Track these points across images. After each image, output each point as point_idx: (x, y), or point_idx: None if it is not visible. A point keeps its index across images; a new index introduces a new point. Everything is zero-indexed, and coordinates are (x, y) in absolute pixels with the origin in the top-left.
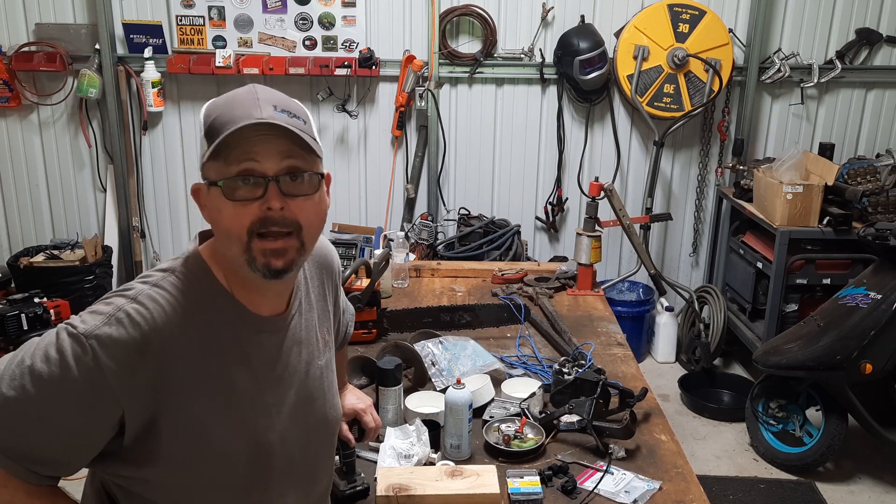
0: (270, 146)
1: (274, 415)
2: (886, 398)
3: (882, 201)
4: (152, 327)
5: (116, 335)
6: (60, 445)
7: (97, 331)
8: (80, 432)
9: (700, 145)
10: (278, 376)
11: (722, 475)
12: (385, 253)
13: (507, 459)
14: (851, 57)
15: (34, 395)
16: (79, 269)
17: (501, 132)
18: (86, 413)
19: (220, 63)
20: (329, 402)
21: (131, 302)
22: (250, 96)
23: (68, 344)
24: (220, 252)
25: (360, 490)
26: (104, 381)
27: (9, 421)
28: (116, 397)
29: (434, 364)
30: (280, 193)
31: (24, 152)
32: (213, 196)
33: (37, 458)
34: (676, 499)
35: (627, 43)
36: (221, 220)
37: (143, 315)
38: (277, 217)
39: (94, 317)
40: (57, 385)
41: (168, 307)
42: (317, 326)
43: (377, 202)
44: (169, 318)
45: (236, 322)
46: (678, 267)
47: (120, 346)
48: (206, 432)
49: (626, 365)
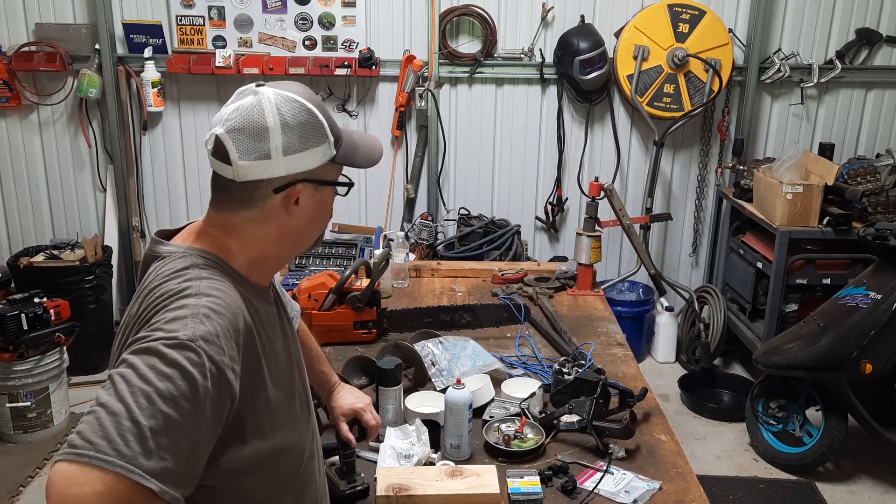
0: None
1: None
2: (886, 398)
3: (882, 201)
4: (232, 312)
5: (213, 329)
6: (201, 457)
7: (197, 332)
8: (213, 437)
9: (700, 145)
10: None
11: (722, 475)
12: (385, 253)
13: (507, 459)
14: (851, 57)
15: (173, 416)
16: (79, 269)
17: (501, 132)
18: (217, 414)
19: (220, 63)
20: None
21: (200, 297)
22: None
23: (179, 354)
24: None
25: (360, 490)
26: (225, 378)
27: (161, 452)
28: (232, 389)
29: (434, 364)
30: None
31: (24, 152)
32: (325, 194)
33: (187, 480)
34: (676, 499)
35: (627, 43)
36: (324, 216)
37: (220, 304)
38: None
39: (181, 323)
40: (190, 398)
41: (229, 291)
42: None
43: (377, 202)
44: (234, 298)
45: (259, 299)
46: (678, 267)
47: (221, 338)
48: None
49: (626, 365)
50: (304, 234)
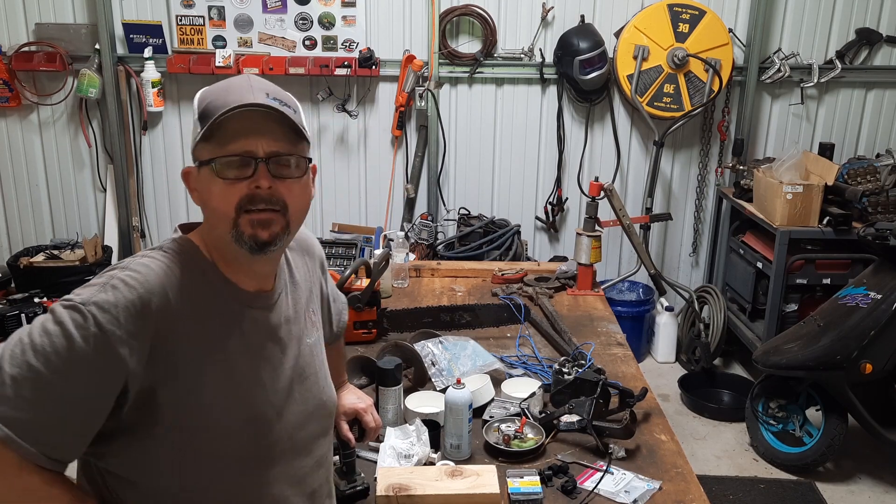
0: (262, 129)
1: (270, 390)
2: (886, 398)
3: (882, 201)
4: (147, 289)
5: (114, 299)
6: (70, 421)
7: (94, 298)
8: (87, 403)
9: (700, 145)
10: (270, 353)
11: (722, 475)
12: (385, 253)
13: (507, 459)
14: (851, 57)
15: (39, 369)
16: (79, 269)
17: (501, 132)
18: (94, 381)
19: (220, 63)
20: (322, 382)
21: (123, 270)
22: (244, 83)
23: (67, 315)
24: (210, 233)
25: (360, 490)
26: (108, 345)
27: (17, 401)
28: (121, 362)
29: (434, 364)
30: (269, 174)
31: (24, 152)
32: (203, 176)
33: (48, 438)
34: (676, 499)
35: (627, 43)
36: (212, 198)
37: (136, 279)
38: (265, 195)
39: (88, 288)
40: (62, 356)
41: (160, 272)
42: (304, 305)
43: (377, 202)
44: (161, 281)
45: (227, 296)
46: (678, 267)
47: (120, 309)
48: (204, 403)
49: (626, 365)
50: (212, 215)
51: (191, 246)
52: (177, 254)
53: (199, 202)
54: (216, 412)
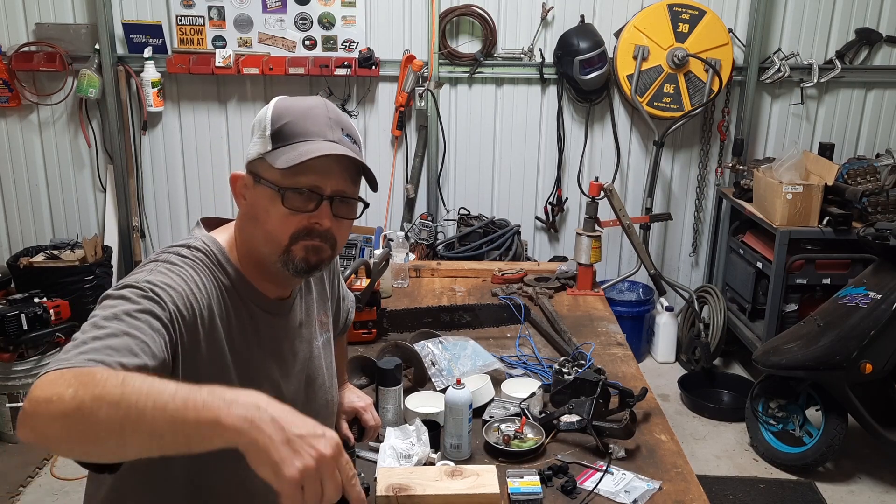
0: (333, 168)
1: (283, 391)
2: (886, 398)
3: (882, 201)
4: (188, 275)
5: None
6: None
7: (145, 277)
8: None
9: (700, 145)
10: (284, 355)
11: (722, 475)
12: (385, 253)
13: (507, 459)
14: (851, 57)
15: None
16: (79, 269)
17: (501, 132)
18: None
19: (220, 63)
20: (329, 383)
21: (162, 263)
22: (323, 113)
23: (124, 290)
24: (249, 243)
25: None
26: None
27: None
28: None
29: (434, 364)
30: (331, 213)
31: (24, 152)
32: (261, 193)
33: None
34: (676, 499)
35: (627, 43)
36: (268, 220)
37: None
38: (322, 231)
39: (132, 276)
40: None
41: (188, 267)
42: (315, 308)
43: (377, 202)
44: (190, 275)
45: (249, 301)
46: (678, 267)
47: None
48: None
49: (626, 365)
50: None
51: (218, 248)
52: (205, 255)
53: (249, 213)
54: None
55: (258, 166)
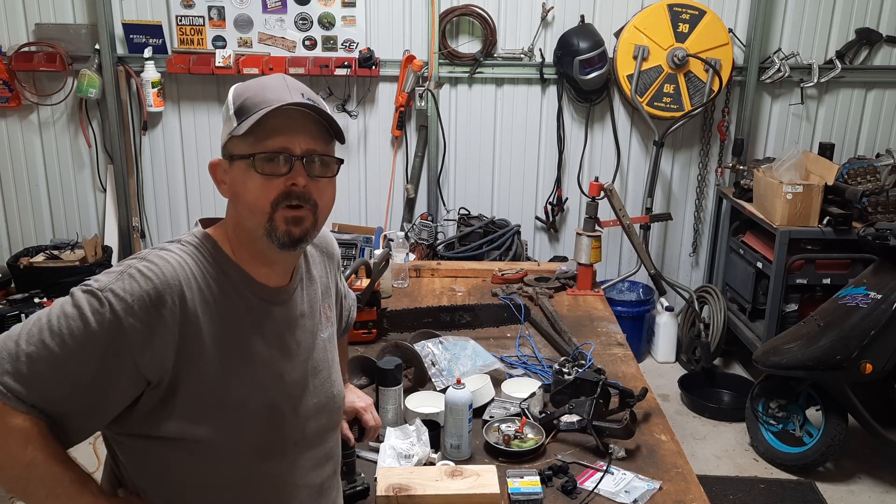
0: (299, 127)
1: (286, 383)
2: (886, 398)
3: (882, 201)
4: (163, 281)
5: (130, 288)
6: (78, 403)
7: (111, 285)
8: (100, 387)
9: (700, 145)
10: (288, 346)
11: (722, 475)
12: (385, 253)
13: (507, 459)
14: (851, 57)
15: (54, 349)
16: (79, 269)
17: (501, 132)
18: (107, 367)
19: (220, 63)
20: (334, 377)
21: (140, 261)
22: (280, 83)
23: (84, 299)
24: (236, 227)
25: (360, 490)
26: (122, 334)
27: (32, 377)
28: (134, 352)
29: (434, 364)
30: (305, 172)
31: (24, 152)
32: (237, 170)
33: (57, 416)
34: (676, 499)
35: (627, 43)
36: (247, 191)
37: (153, 270)
38: (300, 192)
39: (107, 275)
40: (77, 338)
41: (176, 264)
42: (320, 300)
43: (377, 202)
44: (178, 273)
45: (245, 290)
46: (678, 267)
47: (135, 298)
48: (221, 391)
49: (626, 365)
50: (239, 215)
51: (210, 241)
52: (195, 247)
53: (229, 195)
54: (233, 404)
55: (230, 147)
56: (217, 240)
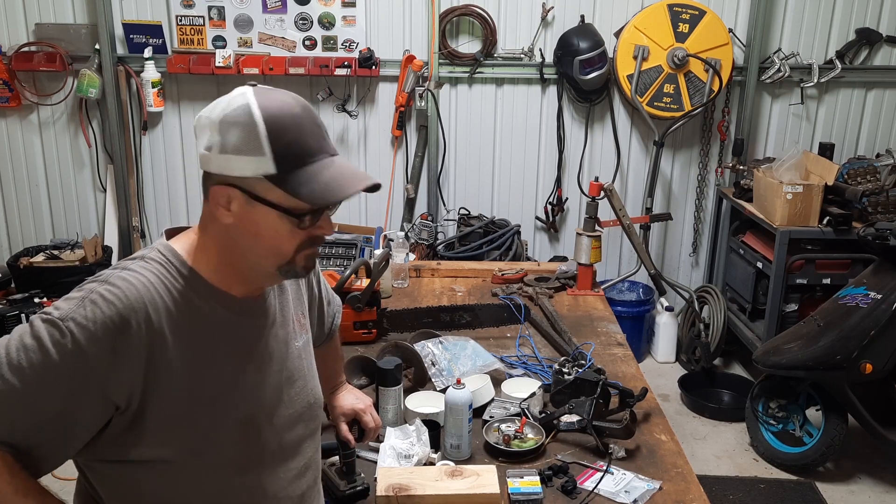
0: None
1: (259, 394)
2: (886, 398)
3: (882, 201)
4: (126, 305)
5: (93, 315)
6: (45, 434)
7: (72, 313)
8: (67, 417)
9: (700, 145)
10: (259, 357)
11: (722, 475)
12: (385, 253)
13: (507, 459)
14: (851, 57)
15: (15, 384)
16: (79, 269)
17: (501, 132)
18: (72, 398)
19: (220, 63)
20: (310, 384)
21: (102, 284)
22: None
23: (44, 330)
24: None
25: (360, 490)
26: (86, 362)
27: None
28: (100, 379)
29: (434, 364)
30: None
31: (24, 152)
32: (260, 213)
33: (25, 448)
34: (676, 499)
35: (627, 43)
36: (270, 237)
37: (116, 294)
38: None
39: (68, 302)
40: (38, 372)
41: (139, 285)
42: (292, 308)
43: (377, 202)
44: (142, 294)
45: (215, 303)
46: (678, 267)
47: (98, 325)
48: (193, 408)
49: (626, 365)
50: (248, 247)
51: (174, 254)
52: (159, 264)
53: (235, 227)
54: (207, 419)
55: (255, 185)
56: (184, 253)
